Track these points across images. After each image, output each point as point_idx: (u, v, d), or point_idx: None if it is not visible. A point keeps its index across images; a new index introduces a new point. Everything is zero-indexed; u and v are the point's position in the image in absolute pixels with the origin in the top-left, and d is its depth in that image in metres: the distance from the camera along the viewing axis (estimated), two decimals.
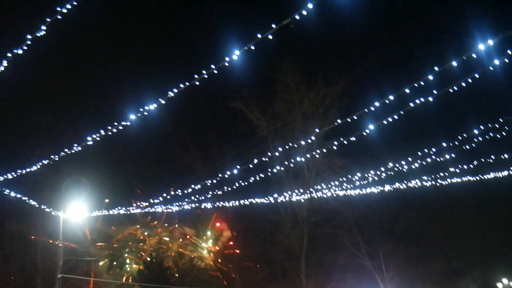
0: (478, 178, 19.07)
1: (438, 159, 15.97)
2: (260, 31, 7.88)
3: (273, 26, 7.63)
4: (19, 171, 15.31)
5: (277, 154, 23.73)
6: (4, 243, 26.49)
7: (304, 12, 7.34)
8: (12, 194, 17.44)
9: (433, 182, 19.79)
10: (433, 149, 15.45)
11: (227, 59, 8.46)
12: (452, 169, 18.39)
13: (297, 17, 7.40)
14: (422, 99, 10.42)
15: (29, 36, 8.28)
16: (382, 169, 17.94)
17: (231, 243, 34.89)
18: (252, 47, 8.12)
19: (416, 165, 16.62)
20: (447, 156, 15.65)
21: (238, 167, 16.62)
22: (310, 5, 7.28)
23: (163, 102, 9.91)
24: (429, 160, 16.03)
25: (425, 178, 19.50)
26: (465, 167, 17.99)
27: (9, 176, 15.23)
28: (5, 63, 9.19)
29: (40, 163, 14.82)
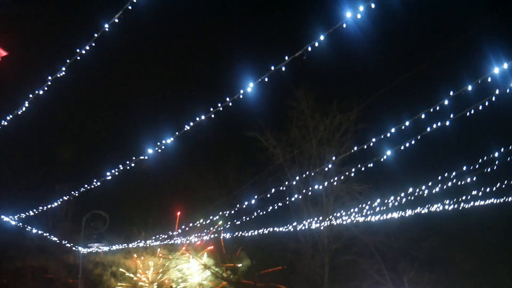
0: (501, 200, 18.63)
1: (459, 183, 15.71)
2: (274, 63, 8.02)
3: (286, 58, 7.75)
4: (40, 207, 15.54)
5: (294, 182, 23.65)
6: (26, 279, 26.61)
7: (316, 44, 7.46)
8: (34, 230, 17.65)
9: (456, 206, 19.39)
10: (454, 173, 15.22)
11: (241, 91, 8.60)
12: (474, 192, 18.03)
13: (309, 48, 7.52)
14: (439, 124, 10.35)
15: (49, 77, 8.58)
16: (402, 194, 17.69)
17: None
18: (266, 79, 8.25)
19: (437, 189, 16.35)
20: (468, 180, 15.37)
21: (256, 196, 16.58)
22: (321, 37, 7.39)
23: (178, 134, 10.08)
24: (450, 184, 15.78)
25: (447, 202, 19.14)
26: (487, 189, 17.62)
27: (31, 213, 15.46)
28: (26, 103, 9.52)
29: (61, 199, 15.05)
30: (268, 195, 17.33)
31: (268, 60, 8.12)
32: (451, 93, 8.92)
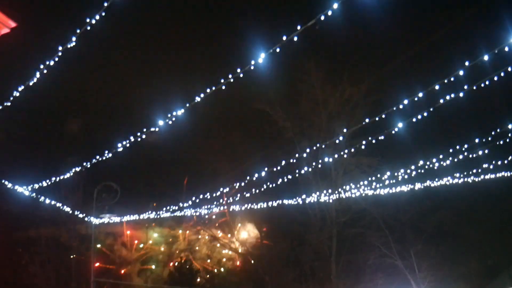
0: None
1: (470, 156, 15.58)
2: (285, 33, 7.86)
3: (298, 27, 7.60)
4: (53, 178, 15.76)
5: (304, 155, 23.62)
6: (40, 248, 27.28)
7: (329, 13, 7.29)
8: (47, 201, 17.95)
9: (466, 179, 19.30)
10: (465, 146, 15.08)
11: (252, 62, 8.48)
12: (485, 165, 17.89)
13: (322, 17, 7.36)
14: (452, 95, 10.19)
15: (60, 48, 8.54)
16: (412, 167, 17.63)
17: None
18: (277, 50, 8.11)
19: (448, 162, 16.25)
20: (480, 153, 15.23)
21: (265, 169, 16.64)
22: (335, 5, 7.22)
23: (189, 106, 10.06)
24: (461, 157, 15.66)
25: (457, 175, 19.05)
26: (499, 163, 17.47)
27: (44, 184, 15.70)
28: (37, 74, 9.52)
29: (73, 171, 15.24)
30: (278, 168, 17.37)
31: (280, 30, 7.97)
32: (466, 63, 8.74)
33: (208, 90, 9.54)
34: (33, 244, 27.95)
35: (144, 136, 11.49)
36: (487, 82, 9.46)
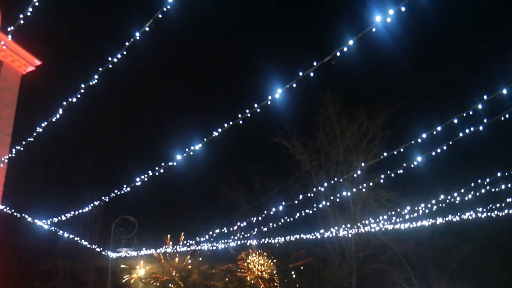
0: None
1: (493, 190, 15.20)
2: (302, 68, 7.97)
3: (315, 63, 7.70)
4: (72, 212, 15.88)
5: (321, 189, 23.41)
6: (58, 281, 27.26)
7: (345, 49, 7.38)
8: (65, 234, 18.04)
9: (489, 214, 18.75)
10: (487, 179, 14.73)
11: (269, 97, 8.58)
12: (509, 200, 17.40)
13: (338, 53, 7.45)
14: (472, 129, 10.07)
15: (82, 85, 8.80)
16: (433, 201, 17.25)
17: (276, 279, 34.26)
18: (294, 85, 8.21)
19: (470, 196, 15.87)
20: (503, 186, 14.85)
21: (283, 203, 16.49)
22: (350, 42, 7.31)
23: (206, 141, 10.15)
24: (483, 191, 15.28)
25: (479, 209, 18.54)
26: None
27: (63, 218, 15.81)
28: (60, 111, 9.77)
29: (91, 204, 15.36)
30: (295, 202, 17.20)
31: (296, 65, 8.09)
32: (485, 97, 8.67)
33: (225, 125, 9.64)
34: (50, 278, 27.97)
35: (162, 170, 11.57)
36: (507, 116, 9.34)
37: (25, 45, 15.78)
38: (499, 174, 14.34)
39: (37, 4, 7.59)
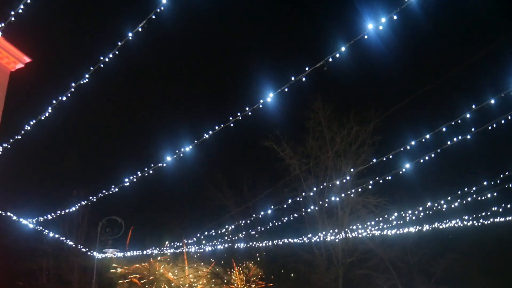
0: None
1: (479, 198, 15.40)
2: (294, 73, 8.02)
3: (307, 68, 7.75)
4: (58, 212, 15.73)
5: (310, 193, 23.45)
6: (42, 281, 26.93)
7: (337, 55, 7.45)
8: (51, 234, 17.85)
9: (475, 222, 18.99)
10: (474, 188, 14.93)
11: (261, 101, 8.61)
12: (494, 208, 17.64)
13: (330, 59, 7.51)
14: (459, 137, 10.20)
15: (73, 84, 8.74)
16: (420, 208, 17.41)
17: (262, 283, 34.22)
18: (286, 89, 8.25)
19: (456, 204, 16.06)
20: (489, 195, 15.07)
21: (272, 207, 16.52)
22: (343, 48, 7.38)
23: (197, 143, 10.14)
24: (469, 199, 15.48)
25: (465, 217, 18.76)
26: (508, 206, 17.22)
27: (49, 217, 15.66)
28: (49, 109, 9.70)
29: (78, 204, 15.23)
30: (284, 206, 17.24)
31: (289, 70, 8.14)
32: (473, 106, 8.80)
33: (216, 128, 9.65)
34: (34, 277, 27.61)
35: (151, 172, 11.53)
36: (494, 125, 9.49)
37: (14, 42, 15.61)
38: (485, 183, 14.53)
39: (28, 1, 7.53)
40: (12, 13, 7.76)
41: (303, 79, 7.92)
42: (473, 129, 9.74)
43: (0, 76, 15.72)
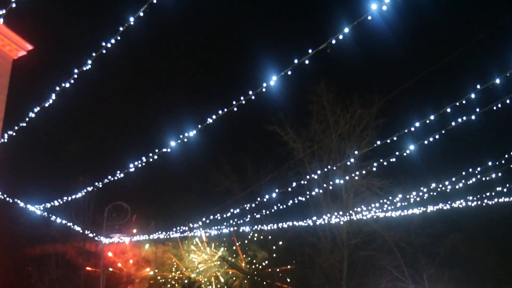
0: None
1: (483, 179, 15.39)
2: (297, 56, 7.96)
3: (310, 51, 7.69)
4: (65, 198, 15.87)
5: (314, 176, 23.51)
6: (50, 267, 27.27)
7: (341, 36, 7.38)
8: (58, 220, 18.04)
9: (479, 202, 19.01)
10: (478, 169, 14.93)
11: (264, 85, 8.58)
12: (498, 188, 17.64)
13: (334, 41, 7.44)
14: (464, 118, 10.15)
15: (76, 70, 8.74)
16: (425, 189, 17.44)
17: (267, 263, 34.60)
18: (289, 73, 8.20)
19: (461, 185, 16.06)
20: (493, 176, 15.05)
21: (276, 190, 16.60)
22: (346, 29, 7.31)
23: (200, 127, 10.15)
24: (474, 179, 15.48)
25: (470, 198, 18.78)
26: None
27: (56, 203, 15.81)
28: (53, 96, 9.71)
29: (84, 190, 15.36)
30: (288, 189, 17.31)
31: (292, 53, 8.08)
32: (478, 86, 8.74)
33: (220, 112, 9.64)
34: (43, 263, 27.98)
35: (156, 157, 11.58)
36: (499, 105, 9.44)
37: (16, 29, 15.57)
38: (490, 164, 14.51)
39: None
40: None
41: (306, 61, 7.87)
42: (477, 109, 9.69)
43: (3, 64, 15.72)
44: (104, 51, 8.02)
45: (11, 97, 15.76)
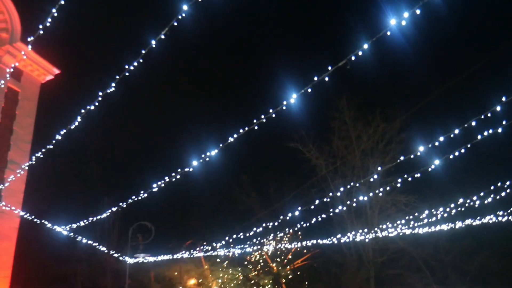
0: None
1: None
2: (317, 73, 7.96)
3: (329, 68, 7.68)
4: (90, 218, 16.08)
5: (338, 193, 23.23)
6: (76, 286, 27.60)
7: (360, 53, 7.35)
8: (84, 240, 18.26)
9: (510, 217, 18.38)
10: (507, 182, 14.46)
11: (284, 102, 8.59)
12: None
13: (353, 57, 7.42)
14: (490, 131, 9.91)
15: (100, 93, 8.95)
16: (452, 205, 16.99)
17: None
18: (309, 90, 8.20)
19: (490, 199, 15.59)
20: None
21: (299, 208, 16.44)
22: (365, 45, 7.29)
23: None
24: (503, 194, 15.00)
25: (500, 213, 18.18)
26: None
27: (81, 224, 16.02)
28: (79, 118, 9.94)
29: (109, 211, 15.54)
30: (311, 207, 17.10)
31: (311, 70, 8.09)
32: (503, 98, 8.54)
33: (241, 131, 9.68)
34: (69, 282, 28.33)
35: (178, 176, 11.64)
36: None
37: (44, 54, 16.12)
38: None
39: (56, 14, 7.76)
40: (41, 26, 8.02)
41: (326, 78, 7.86)
42: (504, 122, 9.45)
43: (31, 88, 16.25)
44: (127, 74, 8.20)
45: (38, 120, 16.23)
